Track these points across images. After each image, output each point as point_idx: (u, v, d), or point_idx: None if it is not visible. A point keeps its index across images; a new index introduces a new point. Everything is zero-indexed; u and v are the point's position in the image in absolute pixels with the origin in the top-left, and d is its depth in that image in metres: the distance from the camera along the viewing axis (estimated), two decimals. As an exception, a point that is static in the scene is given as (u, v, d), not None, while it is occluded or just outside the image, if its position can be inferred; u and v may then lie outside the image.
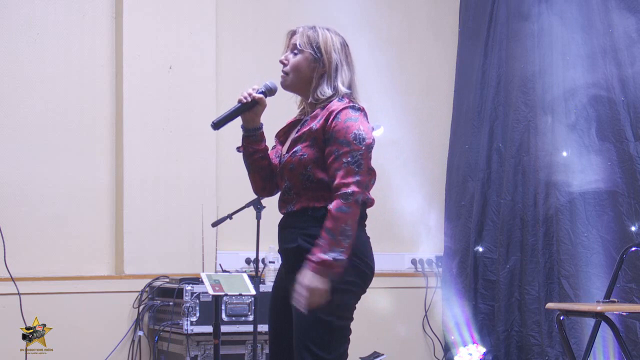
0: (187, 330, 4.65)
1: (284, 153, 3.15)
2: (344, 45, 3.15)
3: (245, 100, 3.13)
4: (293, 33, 3.14)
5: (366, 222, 3.09)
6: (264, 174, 3.22)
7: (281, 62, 3.17)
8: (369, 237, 3.11)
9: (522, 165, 5.68)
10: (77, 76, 5.16)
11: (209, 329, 4.47)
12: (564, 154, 5.32)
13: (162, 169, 5.23)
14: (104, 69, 5.23)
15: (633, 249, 4.58)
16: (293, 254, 3.06)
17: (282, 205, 3.15)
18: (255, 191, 3.30)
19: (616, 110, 5.04)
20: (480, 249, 5.87)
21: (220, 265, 5.19)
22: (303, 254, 2.98)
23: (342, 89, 3.09)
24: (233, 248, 5.22)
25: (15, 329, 4.66)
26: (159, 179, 5.21)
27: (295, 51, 3.12)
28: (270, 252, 5.04)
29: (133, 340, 5.01)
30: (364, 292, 3.08)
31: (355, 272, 3.02)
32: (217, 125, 3.13)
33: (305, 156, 3.01)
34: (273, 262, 5.06)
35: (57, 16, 5.11)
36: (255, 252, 4.57)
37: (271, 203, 4.52)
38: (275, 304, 3.18)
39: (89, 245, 5.12)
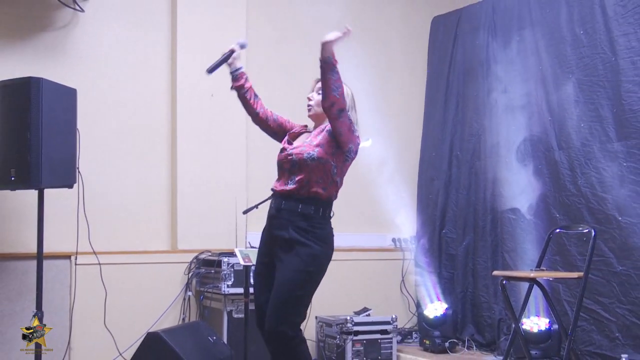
0: (224, 291, 4.64)
1: (296, 147, 3.25)
2: (353, 95, 3.28)
3: (227, 53, 3.41)
4: (319, 80, 3.20)
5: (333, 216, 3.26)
6: (249, 107, 3.49)
7: (308, 98, 3.30)
8: (332, 229, 3.25)
9: (475, 168, 5.70)
10: (143, 101, 5.17)
11: (240, 290, 4.47)
12: (506, 159, 5.33)
13: (206, 170, 5.23)
14: (163, 96, 5.23)
15: (557, 230, 4.56)
16: (285, 241, 3.15)
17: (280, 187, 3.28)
18: (249, 114, 3.52)
19: (544, 126, 5.04)
20: (444, 231, 5.89)
21: (249, 242, 5.20)
22: (293, 244, 3.10)
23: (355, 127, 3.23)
24: (259, 230, 5.15)
25: (97, 290, 4.75)
26: (203, 178, 5.21)
27: (320, 92, 3.19)
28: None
29: (184, 299, 5.00)
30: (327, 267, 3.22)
31: (326, 258, 3.18)
32: (210, 71, 3.42)
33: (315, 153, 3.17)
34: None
35: (126, 56, 5.13)
36: (275, 233, 4.63)
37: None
38: (260, 272, 3.30)
39: (151, 227, 5.12)
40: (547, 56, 5.06)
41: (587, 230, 4.38)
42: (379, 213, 5.89)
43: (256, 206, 4.61)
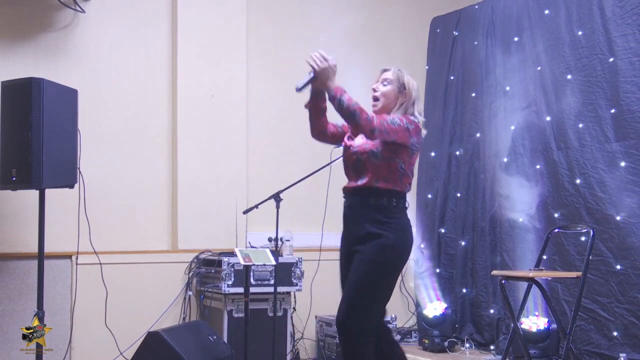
0: (225, 291, 4.65)
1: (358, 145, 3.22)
2: (417, 87, 3.27)
3: (315, 66, 3.15)
4: (384, 70, 3.24)
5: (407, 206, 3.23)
6: (319, 126, 3.31)
7: (373, 89, 3.26)
8: (409, 220, 3.20)
9: (474, 168, 5.69)
10: (143, 102, 5.17)
11: (241, 290, 4.47)
12: (505, 159, 5.33)
13: (206, 170, 5.23)
14: (164, 96, 5.23)
15: (556, 230, 4.58)
16: (360, 237, 3.11)
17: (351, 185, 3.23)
18: (312, 134, 3.36)
19: (543, 127, 5.04)
20: (443, 230, 5.87)
21: (249, 242, 5.21)
22: (367, 236, 3.08)
23: (419, 117, 3.23)
24: (259, 229, 5.20)
25: (97, 290, 4.75)
26: (204, 177, 5.21)
27: (385, 83, 3.22)
28: (286, 232, 5.03)
29: (184, 299, 5.01)
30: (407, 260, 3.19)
31: (402, 249, 3.13)
32: (300, 89, 3.20)
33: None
34: (289, 240, 5.03)
35: (127, 57, 5.14)
36: (275, 233, 4.62)
37: (287, 196, 4.59)
38: (343, 264, 3.28)
39: (152, 227, 5.12)
40: (545, 57, 5.07)
41: (585, 230, 4.39)
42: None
43: (256, 206, 4.62)
